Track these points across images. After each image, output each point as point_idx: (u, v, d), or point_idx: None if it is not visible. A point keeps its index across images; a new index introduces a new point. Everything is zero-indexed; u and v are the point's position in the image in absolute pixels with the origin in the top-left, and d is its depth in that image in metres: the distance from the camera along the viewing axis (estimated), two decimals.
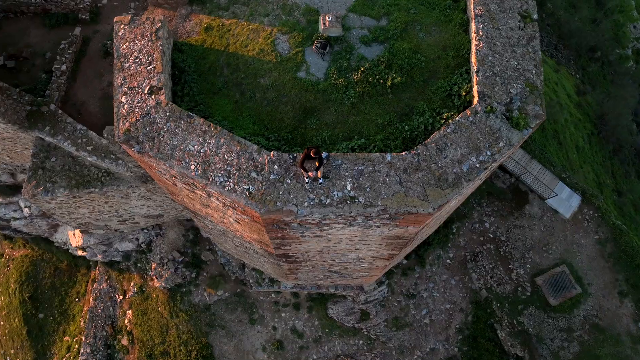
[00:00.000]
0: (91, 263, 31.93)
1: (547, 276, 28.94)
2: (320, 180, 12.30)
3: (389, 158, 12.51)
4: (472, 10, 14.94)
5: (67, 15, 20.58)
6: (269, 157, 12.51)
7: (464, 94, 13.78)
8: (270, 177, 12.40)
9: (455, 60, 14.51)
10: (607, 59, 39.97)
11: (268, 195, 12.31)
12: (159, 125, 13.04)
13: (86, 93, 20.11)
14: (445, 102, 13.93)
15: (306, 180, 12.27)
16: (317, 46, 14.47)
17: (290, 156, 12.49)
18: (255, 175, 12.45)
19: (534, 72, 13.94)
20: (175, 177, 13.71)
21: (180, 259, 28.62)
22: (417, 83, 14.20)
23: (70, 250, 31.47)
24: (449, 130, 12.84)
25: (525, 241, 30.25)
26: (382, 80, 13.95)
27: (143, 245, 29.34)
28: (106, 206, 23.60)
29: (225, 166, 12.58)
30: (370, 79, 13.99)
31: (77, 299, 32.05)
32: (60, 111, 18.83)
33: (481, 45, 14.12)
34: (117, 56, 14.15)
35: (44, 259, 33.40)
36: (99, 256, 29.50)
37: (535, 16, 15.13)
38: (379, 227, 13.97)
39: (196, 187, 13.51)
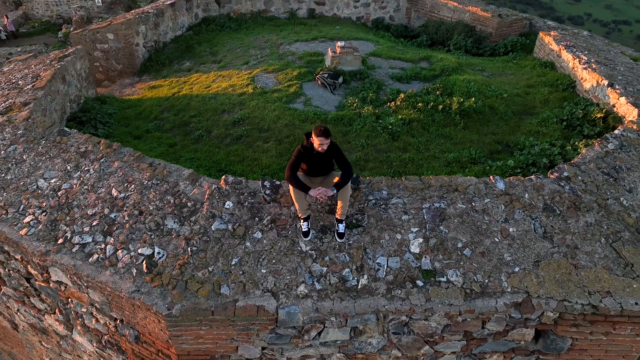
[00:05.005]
0: None
1: None
2: (341, 229, 4.90)
3: (501, 186, 5.42)
4: (556, 46, 10.32)
5: None
6: (214, 187, 5.41)
7: (599, 116, 7.67)
8: (213, 227, 5.03)
9: (555, 95, 9.02)
10: None
11: (198, 270, 4.69)
12: None
13: None
14: (567, 134, 7.68)
15: (303, 226, 4.91)
16: (323, 77, 9.08)
17: (267, 184, 5.40)
18: (175, 226, 5.08)
19: None
20: None
21: None
22: (504, 115, 8.21)
23: None
24: (611, 146, 6.18)
25: None
26: (441, 107, 7.98)
27: None
28: None
29: (106, 211, 5.33)
30: (420, 105, 8.05)
31: None
32: None
33: (595, 66, 8.84)
34: None
35: None
36: None
37: None
38: None
39: (35, 290, 5.78)
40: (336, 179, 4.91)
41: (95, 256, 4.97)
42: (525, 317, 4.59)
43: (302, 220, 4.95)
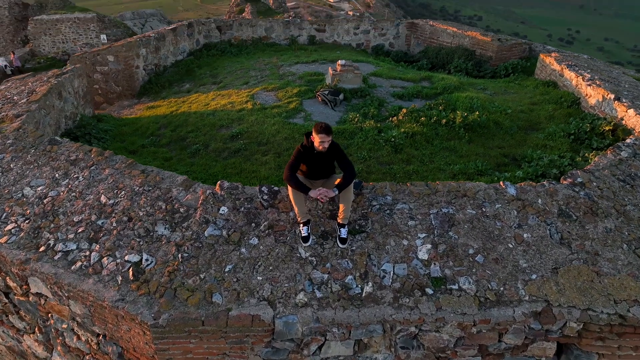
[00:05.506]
0: None
1: None
2: (343, 234, 4.57)
3: (512, 191, 5.15)
4: (557, 65, 10.29)
5: None
6: (209, 193, 5.13)
7: (608, 129, 7.47)
8: (206, 233, 4.71)
9: (560, 111, 8.86)
10: None
11: (189, 277, 4.32)
12: None
13: None
14: (575, 148, 7.46)
15: (302, 231, 4.59)
16: (323, 93, 8.96)
17: (265, 189, 5.12)
18: (166, 232, 4.77)
19: None
20: None
21: None
22: (510, 130, 8.02)
23: None
24: (624, 154, 5.94)
25: None
26: (444, 121, 7.80)
27: None
28: None
29: (93, 217, 5.03)
30: (423, 119, 7.87)
31: None
32: None
33: (599, 82, 8.73)
34: None
35: None
36: None
37: None
38: None
39: (14, 307, 5.39)
40: (338, 181, 4.63)
41: (79, 264, 4.61)
42: (546, 329, 4.19)
43: (301, 225, 4.63)
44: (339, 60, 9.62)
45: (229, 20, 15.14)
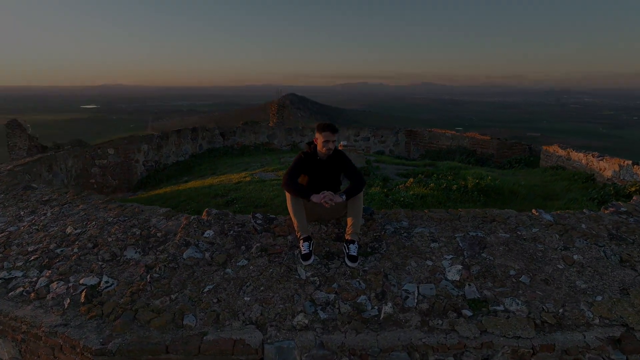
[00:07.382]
0: None
1: None
2: (353, 250, 3.74)
3: (548, 217, 4.43)
4: (563, 151, 10.15)
5: None
6: (193, 218, 4.40)
7: (634, 189, 6.94)
8: (185, 255, 3.87)
9: (576, 185, 8.39)
10: None
11: (156, 298, 3.38)
12: None
13: None
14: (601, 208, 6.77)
15: (302, 247, 3.78)
16: None
17: (259, 215, 4.41)
18: (136, 256, 3.92)
19: None
20: None
21: None
22: (527, 196, 7.45)
23: None
24: None
25: None
26: (455, 187, 7.30)
27: None
28: None
29: (51, 246, 4.22)
30: (432, 185, 7.37)
31: None
32: None
33: (609, 156, 8.44)
34: None
35: None
36: None
37: None
38: None
39: None
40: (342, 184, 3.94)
41: (19, 289, 3.65)
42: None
43: (301, 241, 3.80)
44: (341, 142, 9.50)
45: (232, 127, 15.64)
